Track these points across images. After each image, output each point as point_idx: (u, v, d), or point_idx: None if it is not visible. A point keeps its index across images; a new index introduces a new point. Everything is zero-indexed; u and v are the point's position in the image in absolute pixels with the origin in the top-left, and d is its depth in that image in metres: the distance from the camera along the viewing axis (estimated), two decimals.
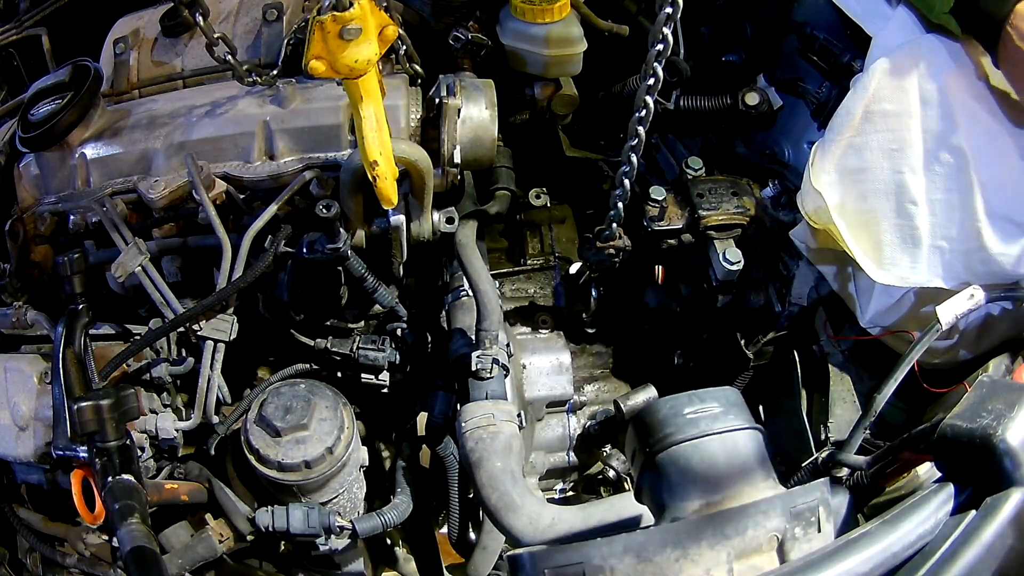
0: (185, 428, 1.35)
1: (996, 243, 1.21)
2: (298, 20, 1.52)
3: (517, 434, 1.22)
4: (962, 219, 1.21)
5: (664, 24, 1.14)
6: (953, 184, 1.21)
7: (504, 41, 1.65)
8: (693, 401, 0.95)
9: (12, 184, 1.51)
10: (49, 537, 1.41)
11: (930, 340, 1.13)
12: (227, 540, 1.43)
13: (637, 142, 1.25)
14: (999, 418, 0.86)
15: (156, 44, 1.57)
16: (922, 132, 1.22)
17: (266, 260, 1.33)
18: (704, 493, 0.89)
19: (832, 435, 1.41)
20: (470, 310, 1.44)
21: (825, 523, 0.89)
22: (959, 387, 1.26)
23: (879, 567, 0.82)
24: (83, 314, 1.23)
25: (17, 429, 1.26)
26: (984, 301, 1.14)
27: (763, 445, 0.94)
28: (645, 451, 0.93)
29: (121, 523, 0.98)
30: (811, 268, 1.43)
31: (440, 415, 1.48)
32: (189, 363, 1.37)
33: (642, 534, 0.85)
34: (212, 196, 1.36)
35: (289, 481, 1.36)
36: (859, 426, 1.14)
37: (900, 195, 1.24)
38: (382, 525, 1.41)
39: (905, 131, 1.22)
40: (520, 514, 1.11)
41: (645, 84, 1.20)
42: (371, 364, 1.52)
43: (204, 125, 1.43)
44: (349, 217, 1.37)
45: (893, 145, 1.23)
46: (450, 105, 1.43)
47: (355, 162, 1.26)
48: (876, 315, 1.35)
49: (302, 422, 1.36)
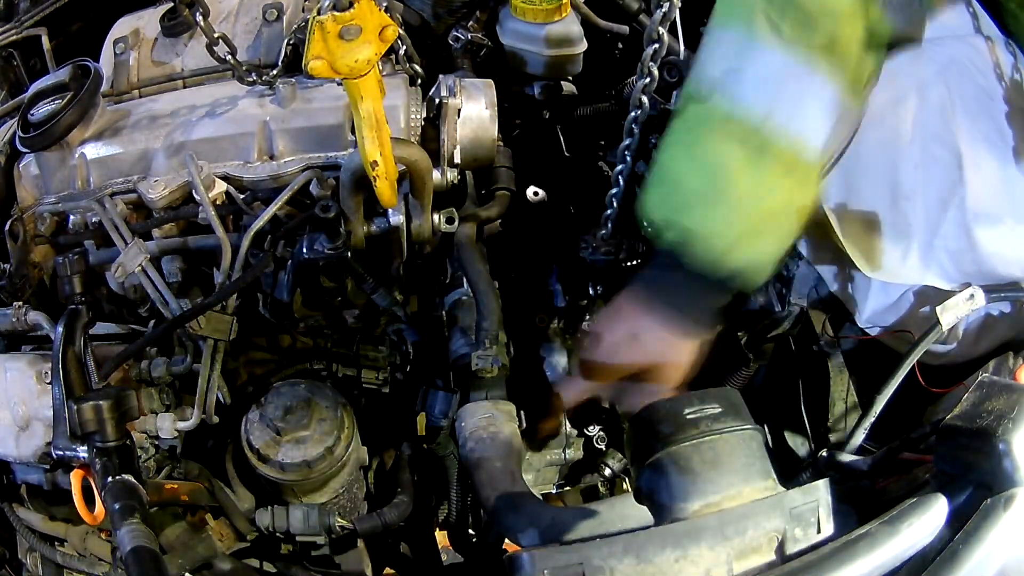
0: (185, 428, 1.35)
1: (988, 244, 1.20)
2: (298, 20, 1.52)
3: (517, 434, 1.22)
4: (955, 218, 1.21)
5: (660, 23, 1.14)
6: (947, 182, 1.21)
7: (504, 41, 1.65)
8: (693, 401, 0.95)
9: (12, 184, 1.51)
10: (49, 537, 1.41)
11: (931, 341, 1.13)
12: (227, 540, 1.43)
13: (632, 141, 1.25)
14: (999, 418, 0.86)
15: (156, 44, 1.57)
16: (919, 129, 1.22)
17: (266, 260, 1.33)
18: (704, 493, 0.89)
19: (832, 435, 1.41)
20: (470, 310, 1.44)
21: (825, 523, 0.89)
22: (959, 387, 1.26)
23: (879, 568, 0.82)
24: (83, 314, 1.23)
25: (17, 429, 1.25)
26: (984, 302, 1.14)
27: (763, 445, 0.94)
28: (645, 451, 0.93)
29: (121, 523, 0.98)
30: (811, 268, 1.43)
31: (440, 415, 1.48)
32: (189, 363, 1.37)
33: (642, 534, 0.85)
34: (212, 196, 1.36)
35: (289, 481, 1.36)
36: (859, 426, 1.14)
37: (894, 190, 1.24)
38: (382, 525, 1.41)
39: (902, 127, 1.22)
40: (520, 514, 1.11)
41: (641, 83, 1.21)
42: (371, 364, 1.52)
43: (204, 125, 1.43)
44: (349, 217, 1.37)
45: (888, 140, 1.23)
46: (450, 105, 1.43)
47: (355, 162, 1.26)
48: (874, 314, 1.34)
49: (302, 422, 1.36)
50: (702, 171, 1.10)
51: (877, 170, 1.25)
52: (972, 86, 1.22)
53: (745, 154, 1.07)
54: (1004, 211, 1.20)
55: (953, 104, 1.21)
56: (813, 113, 1.08)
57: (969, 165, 1.19)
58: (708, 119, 1.10)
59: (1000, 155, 1.21)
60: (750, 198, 1.09)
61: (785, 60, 1.07)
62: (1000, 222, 1.20)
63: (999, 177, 1.21)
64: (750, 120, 1.07)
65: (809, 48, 1.06)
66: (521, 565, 0.85)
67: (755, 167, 1.08)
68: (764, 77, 1.07)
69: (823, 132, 1.09)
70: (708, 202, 1.10)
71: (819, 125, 1.09)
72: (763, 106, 1.07)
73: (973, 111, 1.21)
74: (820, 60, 1.07)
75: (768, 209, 1.10)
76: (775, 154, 1.07)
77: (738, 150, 1.07)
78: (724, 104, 1.09)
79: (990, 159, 1.21)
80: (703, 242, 1.09)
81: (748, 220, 1.10)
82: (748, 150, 1.07)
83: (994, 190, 1.20)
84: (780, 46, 1.07)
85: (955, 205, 1.21)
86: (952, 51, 1.22)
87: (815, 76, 1.07)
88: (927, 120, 1.22)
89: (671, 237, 1.11)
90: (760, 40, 1.07)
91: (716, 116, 1.09)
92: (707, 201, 1.10)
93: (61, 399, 1.13)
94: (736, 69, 1.09)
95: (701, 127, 1.11)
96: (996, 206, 1.21)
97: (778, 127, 1.07)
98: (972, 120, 1.21)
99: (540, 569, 0.83)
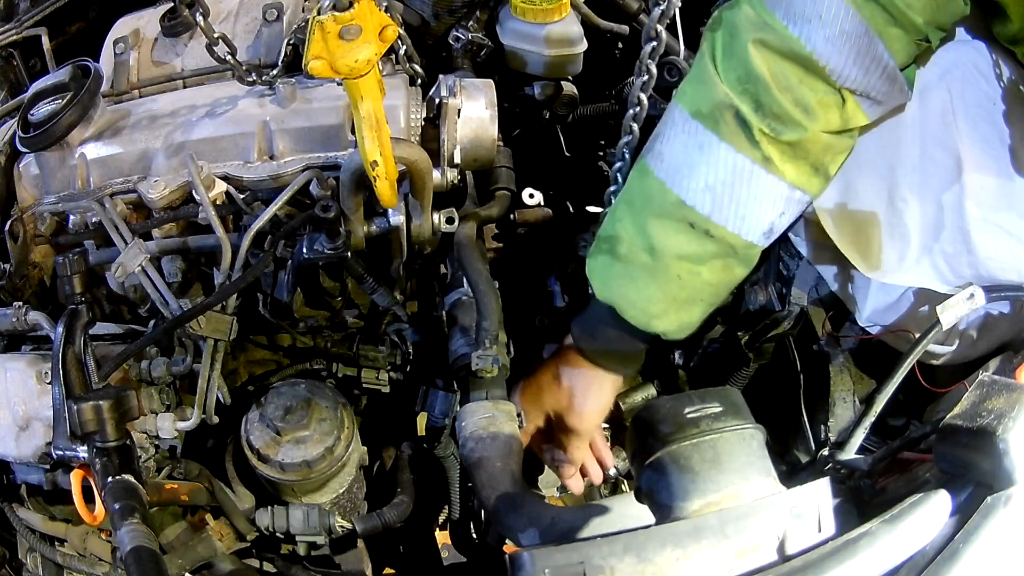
0: (185, 428, 1.35)
1: (985, 248, 1.20)
2: (298, 20, 1.52)
3: (517, 434, 1.22)
4: (953, 221, 1.21)
5: (658, 21, 1.15)
6: (946, 186, 1.21)
7: (504, 41, 1.65)
8: (693, 401, 0.96)
9: (12, 184, 1.51)
10: (49, 537, 1.41)
11: (931, 341, 1.13)
12: (227, 540, 1.43)
13: (631, 138, 1.26)
14: (999, 418, 0.86)
15: (156, 44, 1.57)
16: (919, 132, 1.22)
17: (266, 260, 1.33)
18: (704, 492, 0.89)
19: (832, 435, 1.41)
20: (470, 310, 1.44)
21: (825, 522, 0.89)
22: (959, 387, 1.26)
23: (879, 567, 0.82)
24: (83, 314, 1.23)
25: (17, 429, 1.25)
26: (984, 301, 1.14)
27: (763, 445, 0.95)
28: (645, 451, 0.93)
29: (121, 523, 0.98)
30: (811, 268, 1.43)
31: (440, 415, 1.48)
32: (189, 363, 1.37)
33: (642, 534, 0.85)
34: (212, 196, 1.36)
35: (289, 481, 1.36)
36: (859, 426, 1.14)
37: (892, 192, 1.24)
38: (382, 525, 1.41)
39: (902, 129, 1.22)
40: (520, 514, 1.11)
41: (639, 81, 1.21)
42: (371, 364, 1.52)
43: (204, 125, 1.43)
44: (349, 217, 1.37)
45: (888, 142, 1.23)
46: (450, 105, 1.43)
47: (355, 162, 1.26)
48: (874, 313, 1.34)
49: (302, 422, 1.36)
50: (646, 244, 1.17)
51: (876, 171, 1.25)
52: (974, 91, 1.22)
53: (689, 237, 1.15)
54: (1002, 216, 1.20)
55: (954, 108, 1.21)
56: (759, 210, 1.14)
57: (968, 169, 1.19)
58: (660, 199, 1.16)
59: (1000, 160, 1.21)
60: (687, 275, 1.17)
61: (739, 163, 1.11)
62: (998, 227, 1.20)
63: (998, 182, 1.21)
64: (697, 211, 1.13)
65: (775, 143, 1.10)
66: (521, 565, 0.85)
67: (698, 249, 1.15)
68: (716, 179, 1.12)
69: (768, 222, 1.16)
70: (646, 276, 1.18)
71: (764, 219, 1.15)
72: (709, 205, 1.13)
73: (974, 116, 1.21)
74: (780, 158, 1.11)
75: (702, 284, 1.18)
76: (718, 239, 1.15)
77: (683, 233, 1.15)
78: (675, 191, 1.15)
79: (990, 164, 1.21)
80: (633, 310, 1.20)
81: (681, 293, 1.18)
82: (693, 235, 1.15)
83: (993, 195, 1.20)
84: (739, 148, 1.11)
85: (953, 209, 1.21)
86: (955, 55, 1.22)
87: (768, 176, 1.12)
88: (927, 123, 1.22)
89: (605, 298, 1.22)
90: (721, 138, 1.11)
91: (668, 199, 1.15)
92: (645, 275, 1.18)
93: (61, 399, 1.13)
94: (691, 164, 1.13)
95: (652, 204, 1.17)
96: (994, 211, 1.21)
97: (722, 221, 1.14)
98: (973, 124, 1.21)
99: (540, 568, 0.83)
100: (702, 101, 1.13)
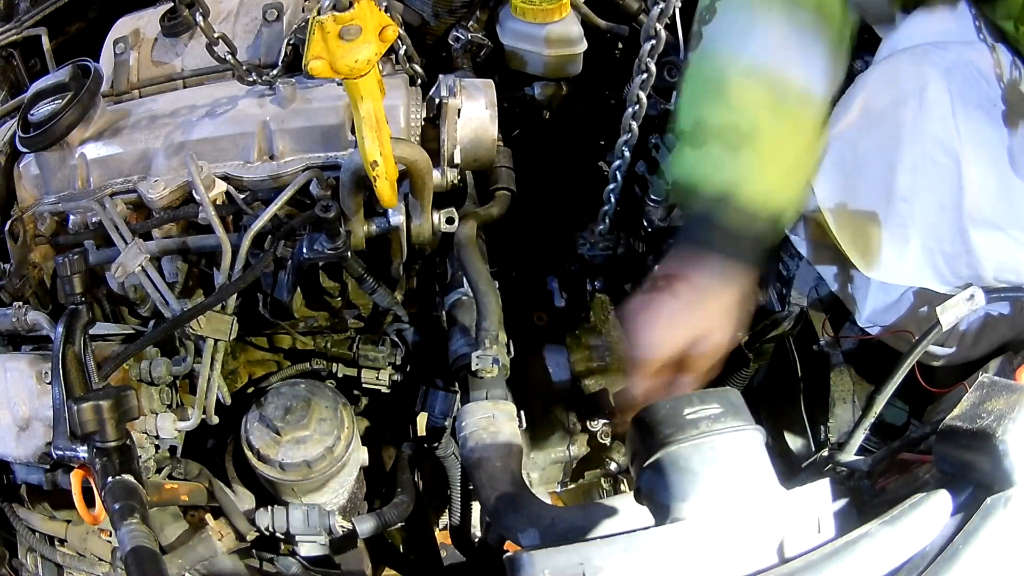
0: (185, 428, 1.35)
1: (984, 248, 1.21)
2: (298, 20, 1.52)
3: (517, 434, 1.22)
4: (952, 221, 1.21)
5: (657, 20, 1.15)
6: (946, 186, 1.21)
7: (504, 41, 1.65)
8: (693, 401, 0.95)
9: (12, 184, 1.51)
10: (49, 537, 1.41)
11: (931, 341, 1.13)
12: (227, 540, 1.43)
13: (630, 136, 1.26)
14: (999, 418, 0.86)
15: (156, 44, 1.57)
16: (919, 131, 1.22)
17: (266, 260, 1.33)
18: (704, 494, 0.89)
19: (832, 435, 1.41)
20: (470, 310, 1.44)
21: (825, 523, 0.89)
22: (959, 387, 1.26)
23: (879, 568, 0.82)
24: (83, 314, 1.23)
25: (17, 429, 1.25)
26: (984, 302, 1.14)
27: (763, 445, 0.94)
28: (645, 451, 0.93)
29: (121, 523, 0.98)
30: (811, 268, 1.43)
31: (440, 415, 1.48)
32: (189, 363, 1.37)
33: (642, 534, 0.85)
34: (212, 196, 1.36)
35: (289, 481, 1.36)
36: (859, 426, 1.14)
37: (891, 192, 1.24)
38: (382, 525, 1.41)
39: (902, 129, 1.23)
40: (520, 514, 1.11)
41: (638, 79, 1.21)
42: (371, 364, 1.52)
43: (204, 125, 1.43)
44: (349, 217, 1.37)
45: (888, 141, 1.23)
46: (450, 105, 1.43)
47: (355, 162, 1.26)
48: (874, 313, 1.34)
49: (302, 422, 1.36)
50: (731, 115, 1.16)
51: (876, 170, 1.25)
52: (974, 91, 1.22)
53: (768, 97, 1.15)
54: (1001, 217, 1.20)
55: (954, 108, 1.21)
56: (815, 63, 1.19)
57: (968, 169, 1.19)
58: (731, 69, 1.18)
59: (999, 161, 1.21)
60: (777, 141, 1.16)
61: (784, 23, 1.18)
62: (997, 228, 1.20)
63: (998, 183, 1.21)
64: (769, 69, 1.16)
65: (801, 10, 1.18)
66: (521, 565, 0.85)
67: (777, 110, 1.16)
68: (771, 37, 1.17)
69: (825, 78, 1.21)
70: (742, 153, 1.14)
71: (820, 72, 1.20)
72: (777, 60, 1.17)
73: (974, 116, 1.21)
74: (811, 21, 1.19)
75: (793, 150, 1.18)
76: (794, 97, 1.17)
77: (763, 94, 1.15)
78: (744, 58, 1.17)
79: (989, 164, 1.21)
80: (744, 192, 1.12)
81: (779, 164, 1.16)
82: (771, 94, 1.15)
83: (992, 195, 1.20)
84: (778, 13, 1.18)
85: (952, 209, 1.21)
86: (956, 55, 1.22)
87: (810, 34, 1.19)
88: (927, 123, 1.22)
89: (709, 193, 1.13)
90: (758, 10, 1.18)
91: (739, 66, 1.17)
92: (740, 152, 1.14)
93: (61, 399, 1.13)
94: (745, 33, 1.18)
95: (725, 76, 1.18)
96: (993, 211, 1.21)
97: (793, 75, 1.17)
98: (973, 125, 1.21)
99: (540, 569, 0.83)
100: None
